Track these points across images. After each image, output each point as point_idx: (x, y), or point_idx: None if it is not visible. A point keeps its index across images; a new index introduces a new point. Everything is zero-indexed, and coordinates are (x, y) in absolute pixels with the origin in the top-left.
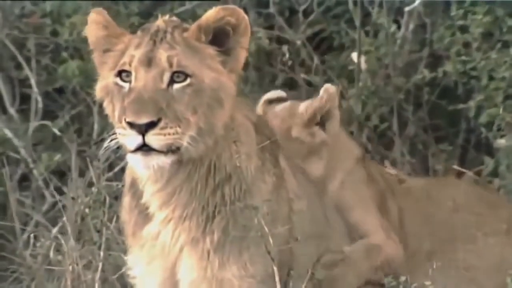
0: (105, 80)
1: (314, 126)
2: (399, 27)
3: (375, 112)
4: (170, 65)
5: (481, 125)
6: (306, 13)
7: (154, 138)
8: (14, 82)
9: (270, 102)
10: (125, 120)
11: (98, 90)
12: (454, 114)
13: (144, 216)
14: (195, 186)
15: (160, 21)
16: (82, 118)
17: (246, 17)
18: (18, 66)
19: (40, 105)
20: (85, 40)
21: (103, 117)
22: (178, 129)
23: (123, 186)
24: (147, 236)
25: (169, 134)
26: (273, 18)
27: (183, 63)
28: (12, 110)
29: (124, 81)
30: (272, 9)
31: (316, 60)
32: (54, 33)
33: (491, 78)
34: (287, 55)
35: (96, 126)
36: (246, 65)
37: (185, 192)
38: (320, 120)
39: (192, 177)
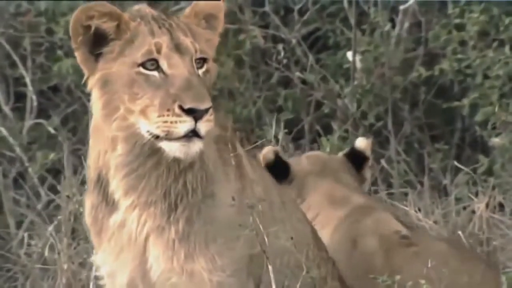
0: (105, 70)
1: None
2: (394, 26)
3: (370, 111)
4: (195, 51)
5: (476, 124)
6: (301, 12)
7: (204, 125)
8: (9, 80)
9: None
10: (180, 107)
11: (96, 80)
12: (449, 113)
13: (110, 206)
14: (161, 173)
15: (145, 7)
16: (77, 116)
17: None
18: (13, 65)
19: (35, 103)
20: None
21: None
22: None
23: None
24: (113, 226)
25: (211, 120)
26: (268, 17)
27: (203, 49)
28: (6, 109)
29: (149, 69)
30: (267, 8)
31: (311, 58)
32: (49, 32)
33: (486, 76)
34: (282, 54)
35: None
36: (241, 63)
37: (151, 178)
38: None
39: (161, 163)
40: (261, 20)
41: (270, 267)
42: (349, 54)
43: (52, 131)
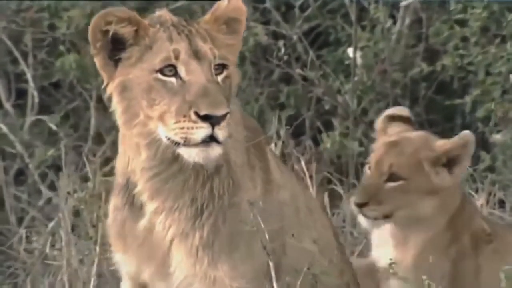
0: (124, 76)
1: (441, 166)
2: (395, 22)
3: (371, 107)
4: (214, 57)
5: (478, 120)
6: (302, 8)
7: (222, 130)
8: (10, 76)
9: (392, 118)
10: (196, 113)
11: (115, 85)
12: (450, 109)
13: (135, 209)
14: (188, 177)
15: (166, 13)
16: (78, 112)
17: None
18: (14, 61)
19: (36, 99)
20: (82, 34)
21: (100, 112)
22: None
23: None
24: (137, 230)
25: (229, 125)
26: (269, 13)
27: (223, 55)
28: (8, 105)
29: (166, 75)
30: (268, 4)
31: (311, 55)
32: (52, 27)
33: (488, 73)
34: (283, 50)
35: (93, 121)
36: (242, 60)
37: (177, 183)
38: (447, 162)
39: (186, 168)
40: (262, 17)
41: (271, 264)
42: (350, 51)
43: (54, 127)
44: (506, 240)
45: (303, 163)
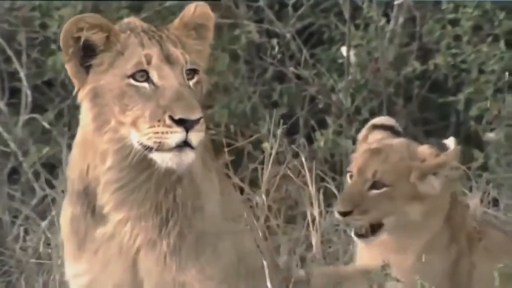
0: (95, 82)
1: (430, 175)
2: (388, 21)
3: (365, 106)
4: (186, 62)
5: (471, 119)
6: (296, 7)
7: (196, 135)
8: (3, 75)
9: (375, 127)
10: (171, 117)
11: (86, 92)
12: (444, 107)
13: (97, 218)
14: (151, 187)
15: (135, 20)
16: (71, 111)
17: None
18: (7, 60)
19: (30, 98)
20: None
21: None
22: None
23: None
24: (101, 238)
25: (203, 130)
26: (263, 12)
27: (193, 60)
28: (1, 104)
29: (139, 81)
30: (261, 2)
31: (305, 53)
32: (43, 26)
33: (481, 71)
34: (277, 49)
35: None
36: (236, 58)
37: (142, 192)
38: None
39: (151, 178)
40: (255, 15)
41: (265, 263)
42: (343, 49)
43: (47, 125)
44: (493, 238)
45: (303, 158)
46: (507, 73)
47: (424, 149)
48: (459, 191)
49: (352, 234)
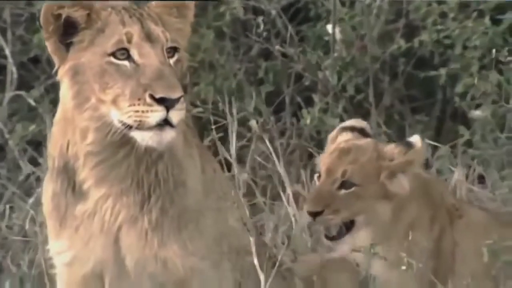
0: (76, 60)
1: (399, 174)
2: None
3: (351, 83)
4: (166, 40)
5: (457, 95)
6: None
7: (176, 113)
8: None
9: (345, 129)
10: (151, 96)
11: (66, 69)
12: (430, 84)
13: (78, 195)
14: (132, 163)
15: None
16: (57, 88)
17: None
18: None
19: (15, 75)
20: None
21: None
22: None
23: None
24: (82, 215)
25: (183, 109)
26: None
27: (174, 38)
28: None
29: (119, 59)
30: None
31: (291, 30)
32: (29, 3)
33: (465, 47)
34: (262, 26)
35: None
36: (221, 36)
37: (123, 168)
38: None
39: (131, 154)
40: None
41: (252, 240)
42: (329, 27)
43: (33, 103)
44: (473, 215)
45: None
46: (494, 50)
47: (392, 148)
48: (446, 168)
49: (322, 237)
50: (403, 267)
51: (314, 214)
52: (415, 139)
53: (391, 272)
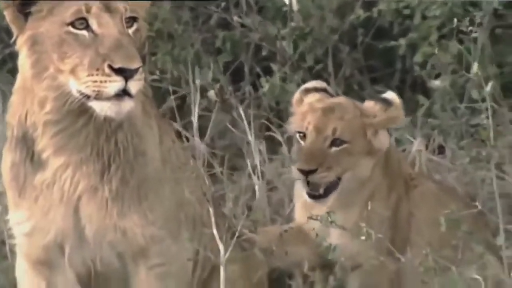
0: (34, 29)
1: (381, 130)
2: None
3: (310, 53)
4: (125, 10)
5: (416, 65)
6: None
7: (135, 84)
8: None
9: (308, 91)
10: (110, 66)
11: (25, 39)
12: (389, 54)
13: (36, 165)
14: (91, 132)
15: None
16: (16, 57)
17: None
18: None
19: None
20: None
21: None
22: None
23: None
24: (41, 184)
25: (142, 79)
26: None
27: (133, 8)
28: None
29: (78, 29)
30: None
31: (249, 0)
32: None
33: (424, 17)
34: None
35: None
36: (180, 5)
37: (83, 137)
38: None
39: (90, 122)
40: None
41: (211, 210)
42: None
43: None
44: (427, 186)
45: (240, 109)
46: (455, 19)
47: (371, 106)
48: (405, 138)
49: (306, 196)
50: (362, 237)
51: (307, 173)
52: (391, 95)
53: (350, 241)
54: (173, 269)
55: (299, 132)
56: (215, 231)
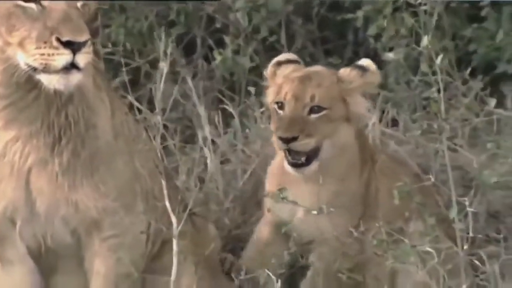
0: None
1: (358, 96)
2: None
3: (263, 25)
4: None
5: (370, 37)
6: None
7: (83, 57)
8: None
9: (279, 64)
10: (58, 39)
11: None
12: (343, 26)
13: None
14: (42, 105)
15: None
16: None
17: None
18: None
19: None
20: None
21: None
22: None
23: None
24: None
25: (90, 52)
26: None
27: None
28: None
29: (26, 1)
30: None
31: None
32: None
33: None
34: None
35: None
36: None
37: (33, 111)
38: None
39: (40, 95)
40: None
41: (163, 182)
42: None
43: None
44: (383, 160)
45: (190, 81)
46: None
47: (347, 71)
48: None
49: (288, 166)
50: (332, 209)
51: (288, 140)
52: (366, 62)
53: (319, 217)
54: (127, 241)
55: (277, 103)
56: (167, 204)
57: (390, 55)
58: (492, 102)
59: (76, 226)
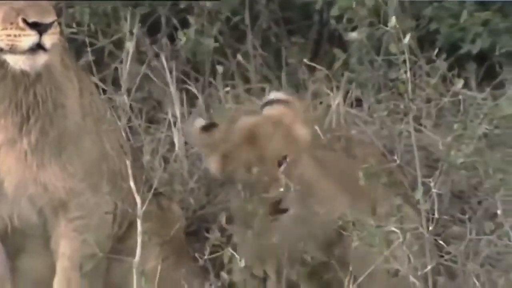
0: None
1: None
2: None
3: (226, 5)
4: None
5: (332, 18)
6: None
7: (49, 38)
8: None
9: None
10: (24, 20)
11: None
12: (306, 7)
13: None
14: (10, 84)
15: None
16: None
17: None
18: None
19: None
20: None
21: None
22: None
23: None
24: None
25: (56, 33)
26: None
27: None
28: None
29: None
30: None
31: None
32: None
33: None
34: None
35: None
36: None
37: (0, 90)
38: None
39: (7, 75)
40: None
41: (128, 163)
42: None
43: None
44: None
45: (163, 58)
46: None
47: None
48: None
49: None
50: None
51: None
52: (277, 95)
53: None
54: (93, 222)
55: None
56: (132, 184)
57: (353, 35)
58: (460, 83)
59: (43, 206)
